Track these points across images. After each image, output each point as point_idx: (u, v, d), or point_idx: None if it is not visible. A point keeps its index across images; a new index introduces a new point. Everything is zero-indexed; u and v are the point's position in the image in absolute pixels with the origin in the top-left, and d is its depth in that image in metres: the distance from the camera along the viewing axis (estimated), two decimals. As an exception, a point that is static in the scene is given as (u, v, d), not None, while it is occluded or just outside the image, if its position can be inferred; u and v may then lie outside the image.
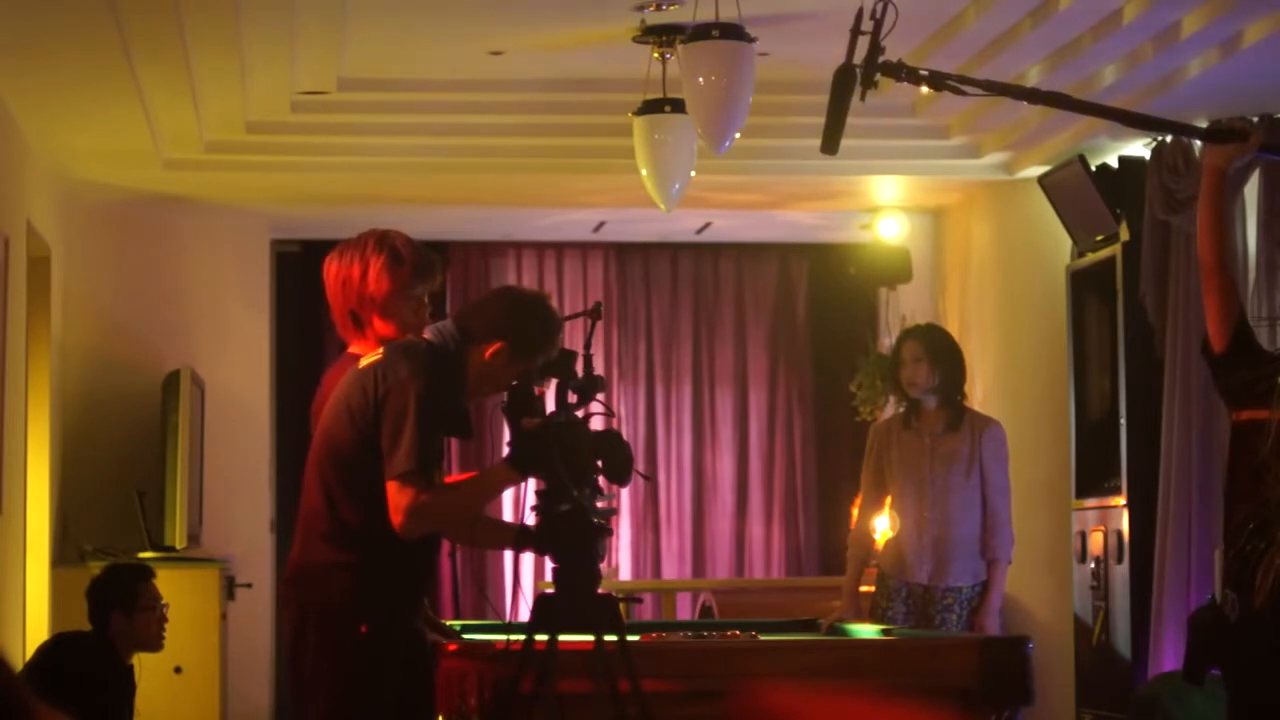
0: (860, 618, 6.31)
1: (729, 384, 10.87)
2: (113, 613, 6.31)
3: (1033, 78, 7.29)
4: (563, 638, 4.26)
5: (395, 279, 4.65)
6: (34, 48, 6.54)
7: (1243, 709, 5.04)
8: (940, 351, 6.61)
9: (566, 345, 4.51)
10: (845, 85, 4.60)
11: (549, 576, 4.59)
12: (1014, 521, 6.60)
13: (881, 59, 4.51)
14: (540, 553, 4.49)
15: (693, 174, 7.05)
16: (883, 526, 6.91)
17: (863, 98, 4.60)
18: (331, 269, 4.73)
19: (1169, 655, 7.30)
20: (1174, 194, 7.37)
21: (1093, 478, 8.15)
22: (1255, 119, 6.79)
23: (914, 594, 6.45)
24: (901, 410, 6.74)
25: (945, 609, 6.42)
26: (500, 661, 4.33)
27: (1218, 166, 4.99)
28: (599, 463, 4.32)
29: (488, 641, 4.64)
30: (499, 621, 4.93)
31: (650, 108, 6.93)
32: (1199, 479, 7.30)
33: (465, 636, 4.96)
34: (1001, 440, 6.58)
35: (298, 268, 9.98)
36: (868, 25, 4.54)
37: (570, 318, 4.70)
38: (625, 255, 10.85)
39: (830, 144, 4.64)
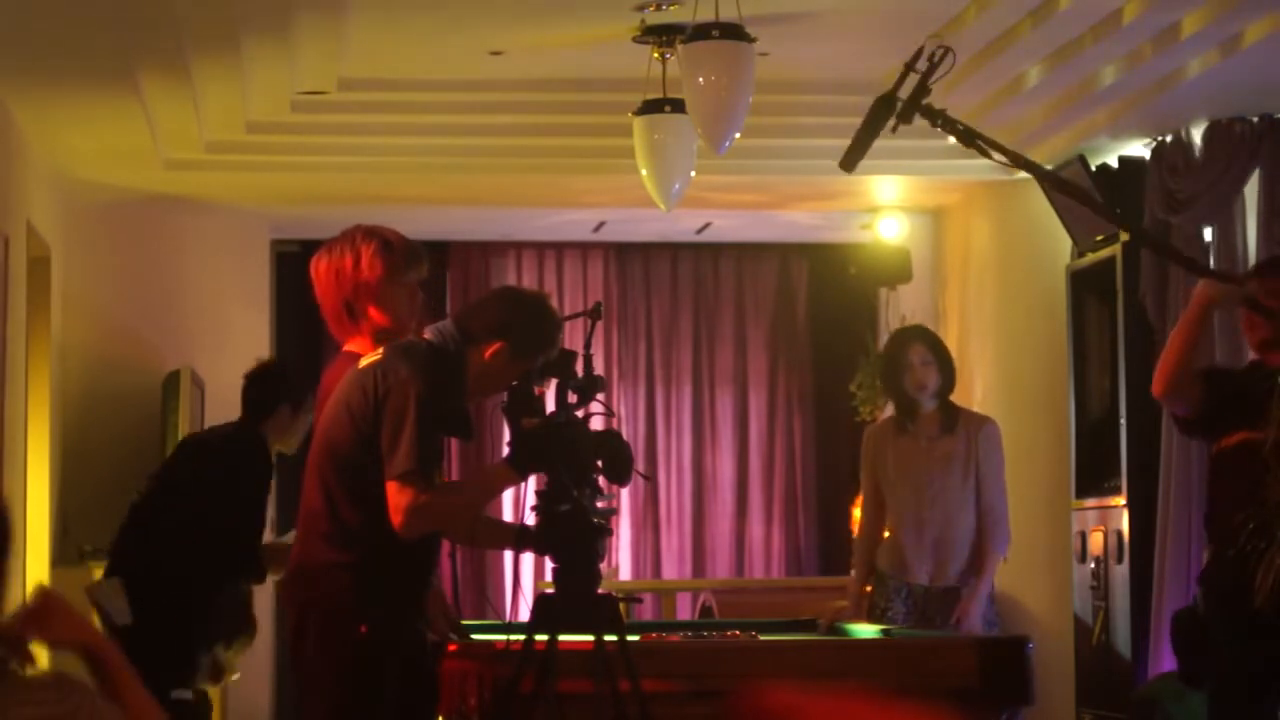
0: (860, 618, 6.31)
1: (729, 384, 10.87)
2: (282, 405, 6.31)
3: (1033, 78, 7.29)
4: (563, 638, 4.26)
5: (388, 263, 4.69)
6: (34, 48, 6.54)
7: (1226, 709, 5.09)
8: (943, 354, 6.62)
9: (566, 345, 4.51)
10: (882, 113, 4.66)
11: (549, 576, 4.59)
12: (1014, 521, 6.60)
13: (925, 101, 4.58)
14: (540, 553, 4.49)
15: (693, 174, 7.05)
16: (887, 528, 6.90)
17: (894, 130, 4.66)
18: (321, 265, 4.74)
19: (1169, 655, 7.29)
20: (1174, 194, 7.37)
21: (1093, 478, 8.15)
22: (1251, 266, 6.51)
23: (914, 594, 6.44)
24: (892, 413, 6.71)
25: (946, 609, 6.41)
26: (500, 661, 4.33)
27: (1210, 300, 5.10)
28: (599, 463, 4.32)
29: (488, 641, 4.64)
30: (499, 621, 4.93)
31: (650, 108, 6.93)
32: (1199, 479, 7.29)
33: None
34: (997, 439, 6.58)
35: (298, 268, 9.92)
36: (923, 65, 4.60)
37: (570, 318, 4.70)
38: (625, 255, 10.85)
39: (850, 162, 4.71)
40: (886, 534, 6.67)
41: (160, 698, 6.44)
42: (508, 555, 7.38)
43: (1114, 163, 7.96)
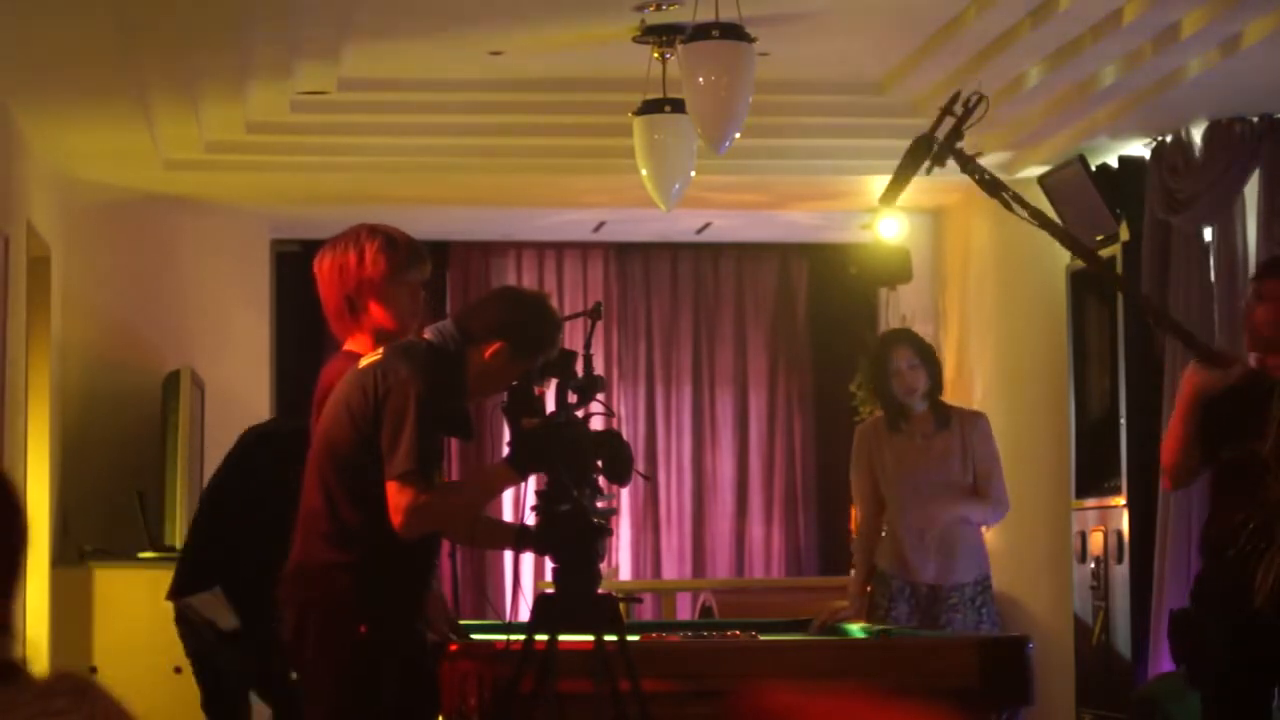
0: (861, 618, 6.30)
1: (729, 384, 10.87)
2: None
3: (1033, 78, 7.29)
4: (563, 638, 4.26)
5: (391, 260, 4.69)
6: (35, 48, 6.54)
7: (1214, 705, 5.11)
8: (929, 354, 6.63)
9: (566, 345, 4.51)
10: (919, 153, 4.89)
11: (549, 576, 4.59)
12: (1014, 521, 6.61)
13: (959, 145, 4.89)
14: (540, 553, 4.49)
15: (693, 174, 7.05)
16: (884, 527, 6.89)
17: (928, 171, 4.91)
18: (325, 261, 4.75)
19: (1169, 655, 7.29)
20: (1174, 194, 7.37)
21: (1093, 478, 8.15)
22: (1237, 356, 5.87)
23: (918, 594, 6.43)
24: (880, 414, 6.70)
25: (951, 609, 6.41)
26: (500, 661, 4.33)
27: (1198, 390, 5.17)
28: (599, 463, 4.32)
29: (488, 641, 4.64)
30: (499, 621, 4.93)
31: (650, 108, 6.93)
32: (1198, 479, 7.29)
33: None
34: (989, 431, 6.63)
35: (298, 268, 9.95)
36: (959, 109, 4.87)
37: (570, 318, 4.70)
38: (625, 255, 10.84)
39: (890, 198, 4.96)
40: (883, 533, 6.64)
41: (283, 683, 6.49)
42: (508, 555, 7.38)
43: (1114, 163, 7.96)
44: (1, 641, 2.29)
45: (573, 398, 4.41)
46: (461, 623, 4.99)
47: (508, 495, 9.33)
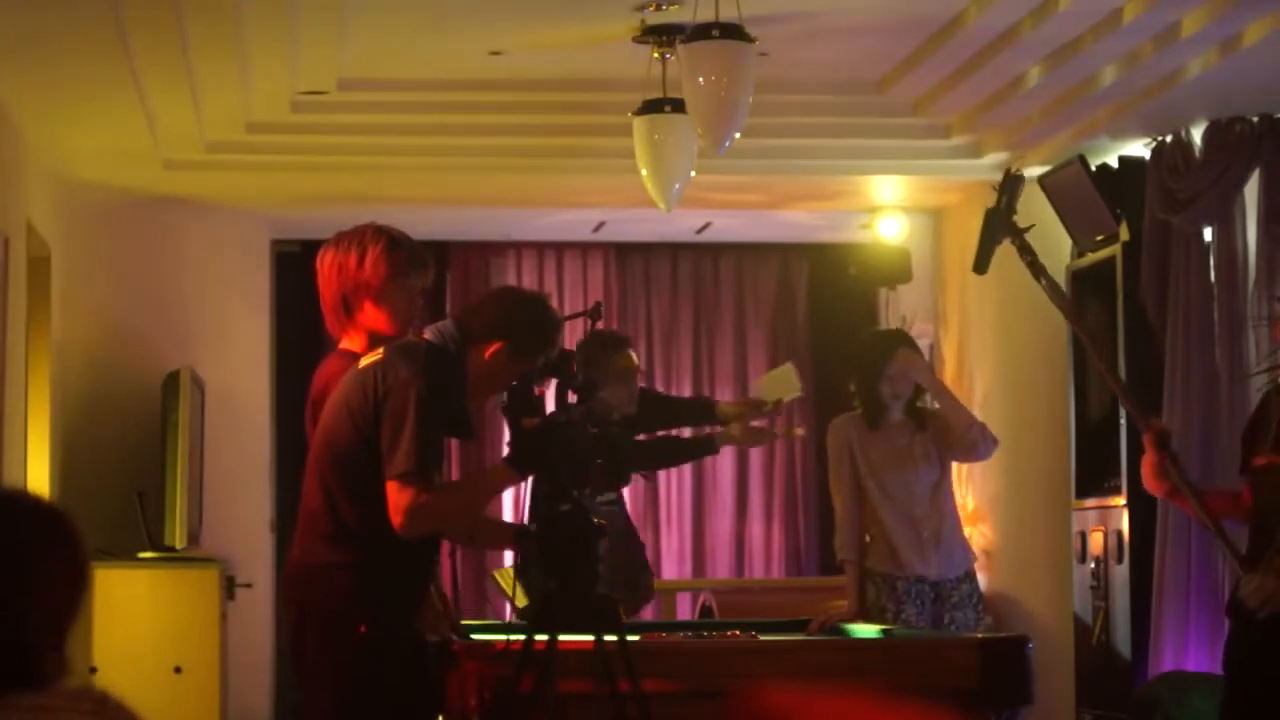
0: (861, 617, 6.31)
1: (729, 384, 10.86)
2: None
3: (1033, 78, 7.29)
4: (563, 638, 4.26)
5: (393, 263, 4.70)
6: (34, 48, 6.54)
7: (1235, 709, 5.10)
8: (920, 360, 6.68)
9: (566, 345, 4.52)
10: (991, 226, 5.60)
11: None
12: (1014, 521, 6.63)
13: (1014, 218, 5.60)
14: (540, 553, 4.49)
15: (693, 174, 7.05)
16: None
17: (999, 243, 5.64)
18: (328, 257, 4.76)
19: (1169, 655, 7.30)
20: (1174, 194, 7.37)
21: (1093, 478, 8.15)
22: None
23: (922, 593, 6.44)
24: (858, 412, 6.70)
25: (954, 606, 6.42)
26: (500, 661, 4.33)
27: (1160, 492, 5.39)
28: (599, 462, 4.32)
29: (488, 641, 4.64)
30: (499, 621, 4.93)
31: (650, 108, 6.93)
32: (1199, 479, 7.29)
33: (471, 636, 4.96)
34: None
35: (298, 268, 9.96)
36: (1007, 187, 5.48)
37: (570, 318, 4.71)
38: (625, 255, 10.84)
39: (982, 265, 5.70)
40: (868, 535, 6.62)
41: None
42: (508, 555, 7.38)
43: (1114, 163, 7.96)
44: (54, 662, 2.53)
45: (573, 398, 4.42)
46: (462, 623, 5.00)
47: (508, 495, 9.33)
